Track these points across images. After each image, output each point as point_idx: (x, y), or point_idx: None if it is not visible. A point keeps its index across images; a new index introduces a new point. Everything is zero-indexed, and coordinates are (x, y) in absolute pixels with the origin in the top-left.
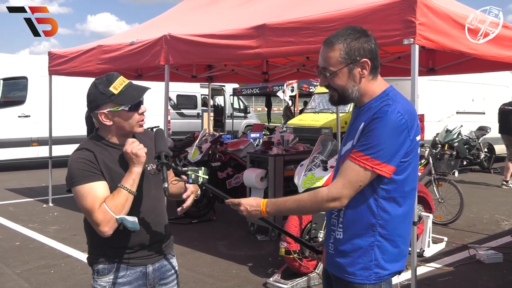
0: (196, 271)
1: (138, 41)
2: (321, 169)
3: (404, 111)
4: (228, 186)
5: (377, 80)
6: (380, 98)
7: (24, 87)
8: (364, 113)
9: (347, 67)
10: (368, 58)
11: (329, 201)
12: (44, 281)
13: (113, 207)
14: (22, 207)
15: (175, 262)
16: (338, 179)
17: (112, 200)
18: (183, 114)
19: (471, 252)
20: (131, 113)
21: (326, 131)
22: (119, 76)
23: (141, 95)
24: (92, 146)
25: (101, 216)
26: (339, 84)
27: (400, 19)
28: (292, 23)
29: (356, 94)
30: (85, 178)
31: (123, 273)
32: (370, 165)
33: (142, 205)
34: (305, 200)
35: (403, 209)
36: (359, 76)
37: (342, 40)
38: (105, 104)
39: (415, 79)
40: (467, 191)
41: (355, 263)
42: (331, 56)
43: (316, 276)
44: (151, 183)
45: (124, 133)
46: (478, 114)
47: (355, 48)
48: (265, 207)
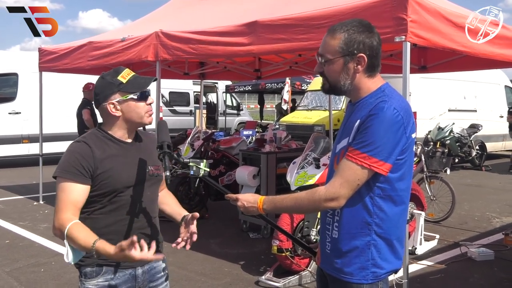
0: (188, 269)
1: (130, 37)
2: (314, 166)
3: (400, 108)
4: (221, 183)
5: (374, 77)
6: (376, 94)
7: (15, 84)
8: (359, 110)
9: (343, 59)
10: (365, 54)
11: (327, 200)
12: (34, 279)
13: (70, 234)
14: (12, 204)
15: (165, 264)
16: (335, 179)
17: (77, 231)
18: (176, 111)
19: (463, 249)
20: (139, 103)
21: (318, 129)
22: (126, 68)
23: (149, 83)
24: (93, 139)
25: (58, 224)
26: (332, 74)
27: (391, 16)
28: (284, 20)
29: (347, 88)
30: (70, 174)
31: (111, 276)
32: (367, 163)
33: (137, 207)
34: (302, 199)
35: (398, 208)
36: (353, 71)
37: (344, 30)
38: (114, 93)
39: (407, 77)
40: (458, 188)
41: (352, 263)
42: (330, 44)
43: (308, 274)
44: (147, 185)
45: (131, 126)
46: (469, 112)
47: (355, 40)
48: (262, 204)
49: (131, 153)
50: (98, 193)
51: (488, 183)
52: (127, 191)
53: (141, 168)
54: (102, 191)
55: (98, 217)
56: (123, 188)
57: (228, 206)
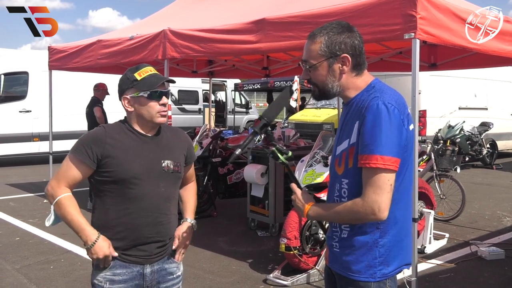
0: (196, 267)
1: (138, 35)
2: (322, 165)
3: (394, 101)
4: (229, 181)
5: (362, 75)
6: (366, 91)
7: (25, 82)
8: (353, 110)
9: (327, 61)
10: (349, 54)
11: (368, 214)
12: (43, 277)
13: (58, 205)
14: (22, 202)
15: (180, 268)
16: (367, 190)
17: (65, 204)
18: (185, 110)
19: (473, 248)
20: (151, 102)
21: (327, 127)
22: (148, 66)
23: (159, 82)
24: (114, 128)
25: (52, 189)
26: (319, 78)
27: (400, 13)
28: (292, 17)
29: (337, 89)
30: (77, 152)
31: (120, 270)
32: (385, 164)
33: (147, 202)
34: (345, 214)
35: (404, 204)
36: (339, 72)
37: (324, 33)
38: (128, 89)
39: (416, 74)
40: (468, 187)
41: (360, 261)
42: (312, 49)
43: (316, 272)
44: (162, 180)
45: (145, 123)
46: (480, 110)
47: (336, 42)
48: (309, 210)
49: (149, 147)
50: (108, 179)
51: (498, 181)
52: (138, 184)
53: (155, 162)
54: (111, 178)
55: (109, 208)
56: (132, 179)
57: (236, 204)
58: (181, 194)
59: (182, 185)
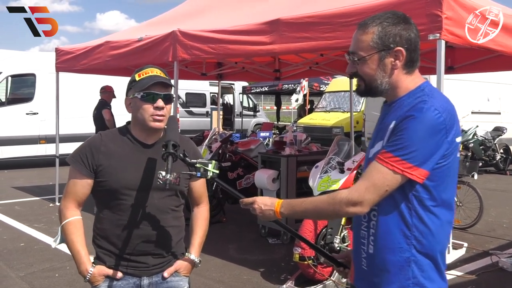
0: (206, 276)
1: (147, 37)
2: (338, 171)
3: (442, 109)
4: (239, 186)
5: (413, 75)
6: (414, 94)
7: (32, 84)
8: (395, 110)
9: (378, 54)
10: (404, 47)
11: (349, 205)
12: (48, 285)
13: (65, 229)
14: (28, 206)
15: (186, 283)
16: (361, 182)
17: (70, 230)
18: (192, 113)
19: (493, 259)
20: (144, 104)
21: (337, 130)
22: (153, 67)
23: (150, 83)
24: (112, 134)
25: (61, 211)
26: (367, 72)
27: (425, 13)
28: (309, 17)
29: (385, 87)
30: (75, 161)
31: (115, 282)
32: (400, 168)
33: (139, 214)
34: (322, 202)
35: (440, 220)
36: (391, 67)
37: (377, 23)
38: (129, 90)
39: (441, 78)
40: (483, 194)
41: (391, 282)
42: (363, 40)
43: (332, 284)
44: (156, 192)
45: (141, 127)
46: (493, 114)
47: (391, 34)
48: (280, 207)
49: (145, 156)
50: (101, 189)
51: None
52: (131, 195)
53: (150, 173)
54: (103, 188)
55: (104, 217)
56: (124, 189)
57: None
58: (191, 222)
59: (193, 204)
